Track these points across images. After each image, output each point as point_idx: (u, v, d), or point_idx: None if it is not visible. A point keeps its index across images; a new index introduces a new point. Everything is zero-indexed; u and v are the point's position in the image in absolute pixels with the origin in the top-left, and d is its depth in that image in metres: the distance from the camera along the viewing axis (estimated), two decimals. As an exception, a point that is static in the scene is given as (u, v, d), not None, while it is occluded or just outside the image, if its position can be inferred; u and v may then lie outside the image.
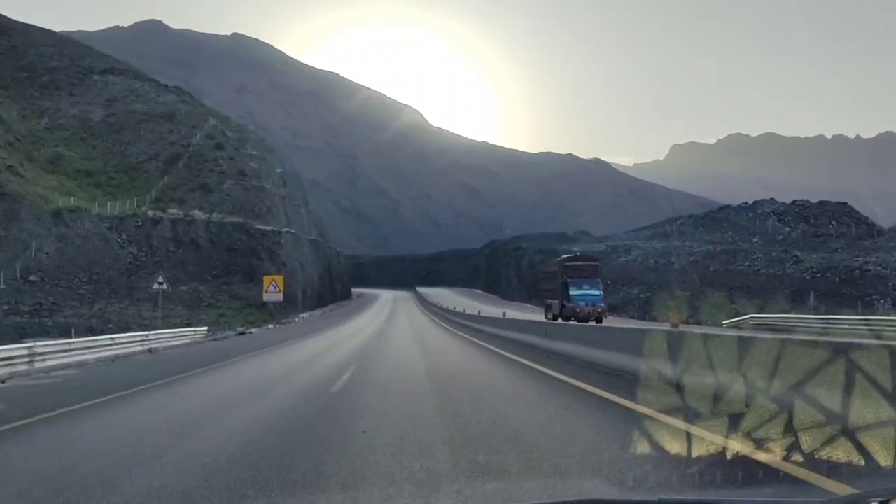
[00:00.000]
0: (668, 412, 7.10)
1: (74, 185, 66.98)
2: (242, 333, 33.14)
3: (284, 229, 63.98)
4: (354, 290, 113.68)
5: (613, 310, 44.63)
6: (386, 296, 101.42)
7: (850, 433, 5.05)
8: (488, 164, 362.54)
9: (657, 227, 77.38)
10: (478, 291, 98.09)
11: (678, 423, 6.53)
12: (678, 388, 8.28)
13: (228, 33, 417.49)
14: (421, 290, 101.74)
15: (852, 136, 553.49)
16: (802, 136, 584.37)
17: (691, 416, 6.69)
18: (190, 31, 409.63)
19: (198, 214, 53.70)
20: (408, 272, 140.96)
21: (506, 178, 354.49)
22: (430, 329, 37.23)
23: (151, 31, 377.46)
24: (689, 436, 5.91)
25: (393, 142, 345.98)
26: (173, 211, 56.47)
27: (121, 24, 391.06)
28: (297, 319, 49.29)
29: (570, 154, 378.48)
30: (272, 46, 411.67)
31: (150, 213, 54.34)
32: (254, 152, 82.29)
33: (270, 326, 40.73)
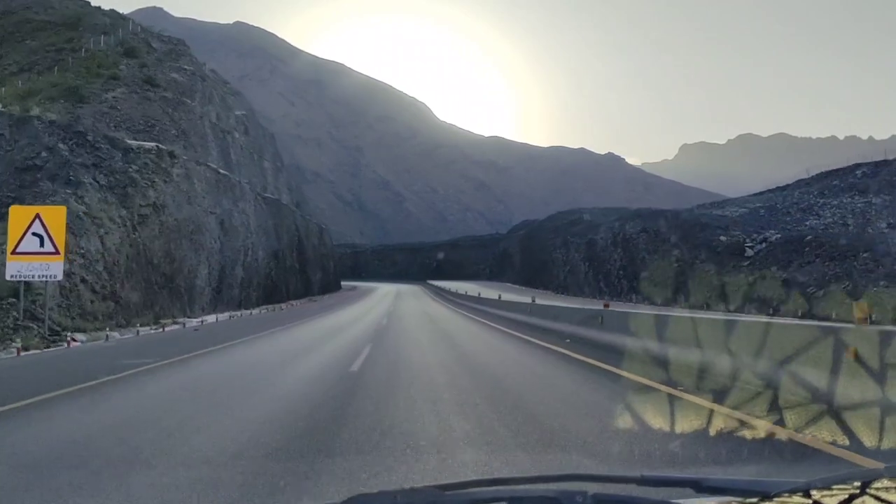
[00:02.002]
0: None
1: None
2: None
3: (202, 163, 33.97)
4: (346, 283, 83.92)
5: None
6: (386, 289, 71.47)
7: None
8: (497, 158, 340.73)
9: (821, 181, 47.64)
10: (511, 285, 68.19)
11: None
12: None
13: (231, 21, 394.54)
14: (435, 283, 71.72)
15: (865, 137, 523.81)
16: (814, 136, 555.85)
17: None
18: (191, 20, 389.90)
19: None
20: (414, 264, 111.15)
21: (516, 172, 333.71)
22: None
23: (152, 18, 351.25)
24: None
25: (398, 134, 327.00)
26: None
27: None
28: (115, 335, 18.85)
29: (582, 148, 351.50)
30: (275, 35, 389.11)
31: None
32: (187, 67, 52.05)
33: None
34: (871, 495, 1.40)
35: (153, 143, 28.06)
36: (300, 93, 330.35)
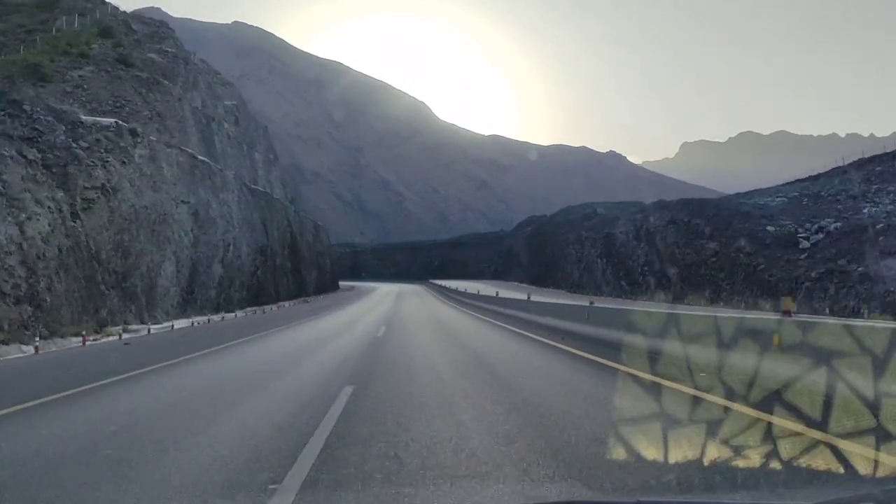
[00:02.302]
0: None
1: None
2: None
3: (174, 145, 29.74)
4: (344, 284, 79.72)
5: None
6: (386, 289, 67.16)
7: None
8: (498, 157, 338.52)
9: (860, 168, 43.42)
10: (518, 284, 63.79)
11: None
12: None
13: (229, 21, 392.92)
14: (438, 282, 67.27)
15: (866, 134, 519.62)
16: (815, 134, 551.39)
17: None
18: (190, 20, 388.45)
19: None
20: (415, 263, 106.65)
21: (517, 171, 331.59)
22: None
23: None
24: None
25: (398, 134, 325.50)
26: None
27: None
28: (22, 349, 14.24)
29: (583, 147, 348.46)
30: (274, 35, 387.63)
31: None
32: (169, 50, 47.86)
33: None
34: None
35: (112, 120, 23.68)
36: (299, 92, 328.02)
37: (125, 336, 16.63)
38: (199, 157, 32.35)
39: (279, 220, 45.87)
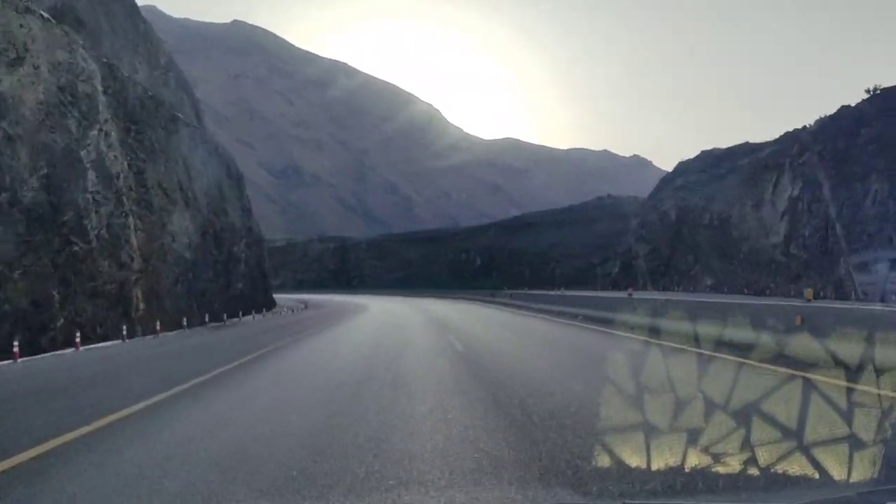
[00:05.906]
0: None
1: None
2: None
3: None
4: (284, 297, 43.21)
5: None
6: (374, 306, 31.19)
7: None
8: (513, 161, 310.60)
9: None
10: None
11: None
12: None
13: (228, 20, 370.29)
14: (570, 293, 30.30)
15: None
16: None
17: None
18: (188, 20, 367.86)
19: None
20: (436, 263, 69.40)
21: (533, 174, 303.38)
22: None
23: (147, 17, 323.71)
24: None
25: (406, 136, 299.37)
26: None
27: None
28: None
29: (605, 150, 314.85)
30: (274, 34, 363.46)
31: None
32: None
33: None
34: None
35: None
36: (300, 92, 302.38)
37: None
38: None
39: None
